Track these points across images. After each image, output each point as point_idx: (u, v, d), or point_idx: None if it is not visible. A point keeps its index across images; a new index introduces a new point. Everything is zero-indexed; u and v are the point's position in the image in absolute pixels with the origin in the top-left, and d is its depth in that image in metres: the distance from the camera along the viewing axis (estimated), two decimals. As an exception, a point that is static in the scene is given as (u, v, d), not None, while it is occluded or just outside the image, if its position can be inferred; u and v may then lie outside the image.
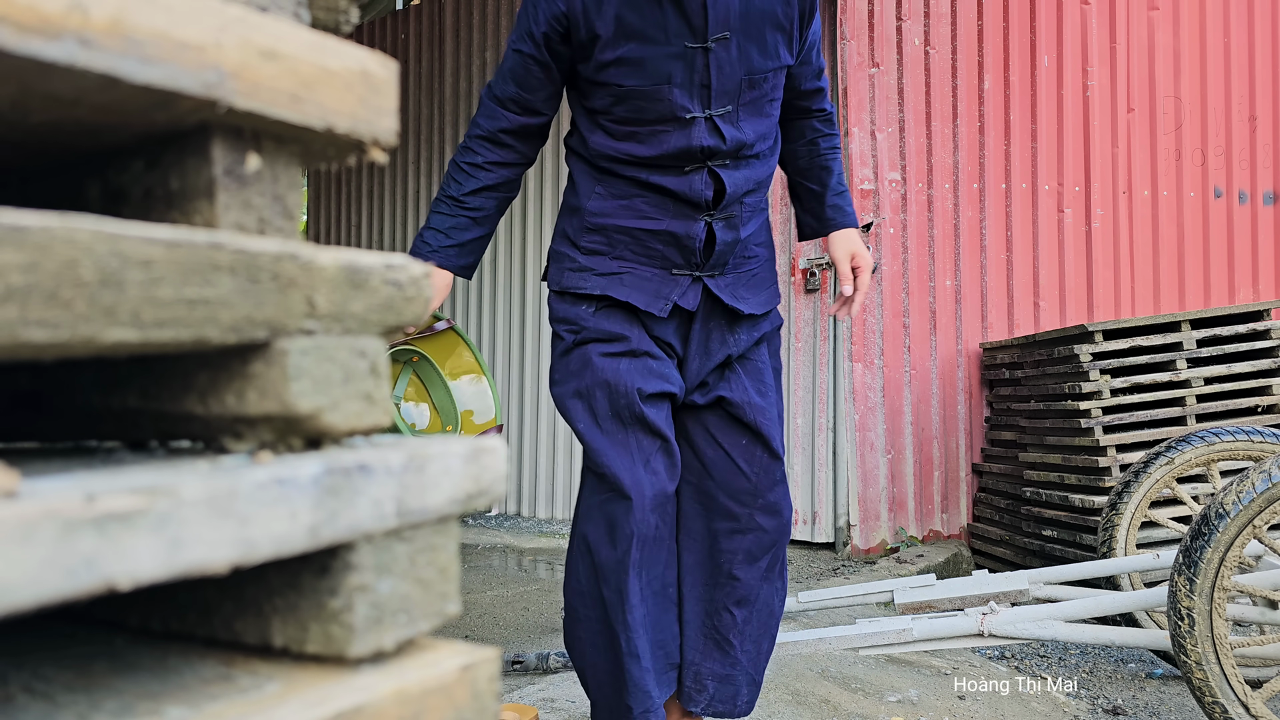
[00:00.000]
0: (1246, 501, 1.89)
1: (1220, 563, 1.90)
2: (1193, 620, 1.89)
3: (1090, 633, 2.14)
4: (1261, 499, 1.88)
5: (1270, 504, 1.88)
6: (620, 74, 1.67)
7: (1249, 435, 2.51)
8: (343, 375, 0.59)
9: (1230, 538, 1.89)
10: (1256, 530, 1.90)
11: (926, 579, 2.53)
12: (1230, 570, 1.90)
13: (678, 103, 1.67)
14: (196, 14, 0.53)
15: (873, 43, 4.08)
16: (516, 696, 2.08)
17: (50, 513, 0.41)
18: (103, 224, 0.47)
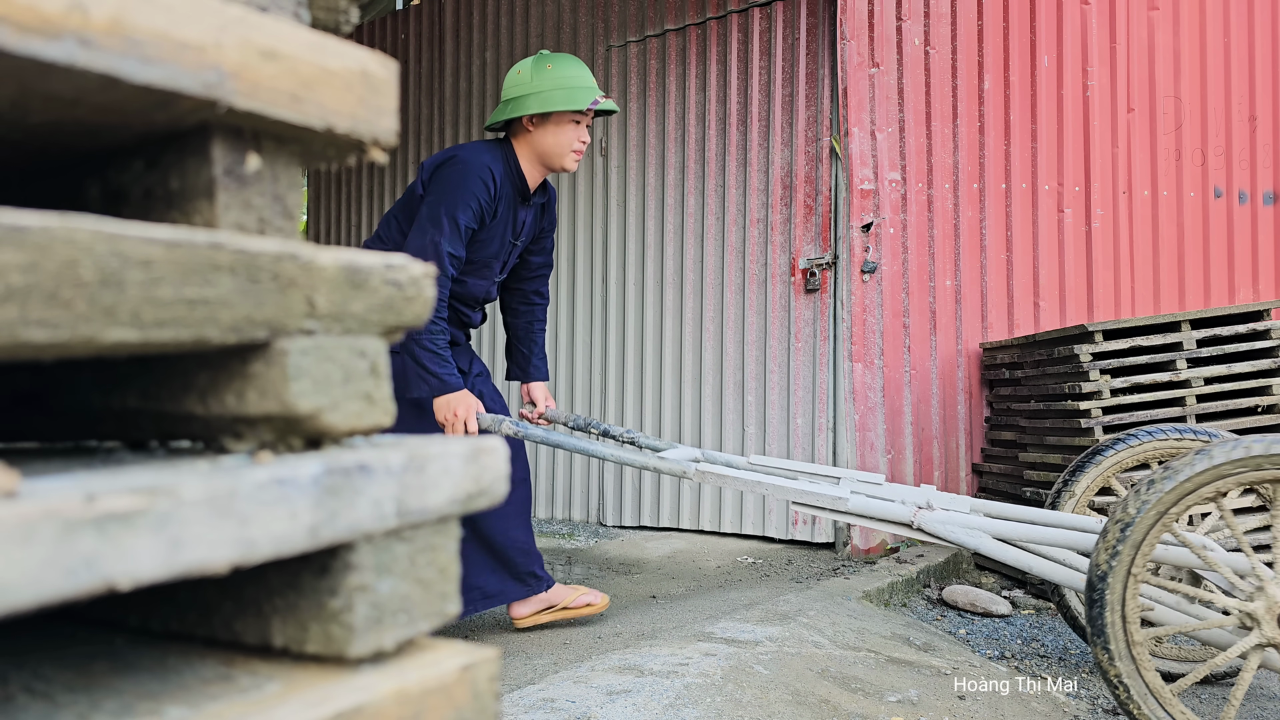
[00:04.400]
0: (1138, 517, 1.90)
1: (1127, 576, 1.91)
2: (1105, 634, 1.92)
3: (1011, 554, 2.15)
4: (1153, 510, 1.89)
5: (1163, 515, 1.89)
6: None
7: (1180, 435, 2.55)
8: (343, 375, 0.59)
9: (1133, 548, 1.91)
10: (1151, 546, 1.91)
11: (876, 477, 2.52)
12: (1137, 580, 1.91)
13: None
14: (196, 14, 0.53)
15: (873, 43, 4.09)
16: (517, 696, 2.08)
17: (50, 513, 0.41)
18: (103, 224, 0.47)
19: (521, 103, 2.61)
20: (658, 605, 3.22)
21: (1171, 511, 1.90)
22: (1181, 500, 1.89)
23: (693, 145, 4.63)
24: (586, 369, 5.05)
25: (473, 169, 2.54)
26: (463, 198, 2.51)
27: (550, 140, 2.64)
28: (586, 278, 5.07)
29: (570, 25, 5.17)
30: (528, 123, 2.65)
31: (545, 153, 2.66)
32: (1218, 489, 1.88)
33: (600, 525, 4.90)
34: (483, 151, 2.62)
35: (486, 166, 2.56)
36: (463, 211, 2.52)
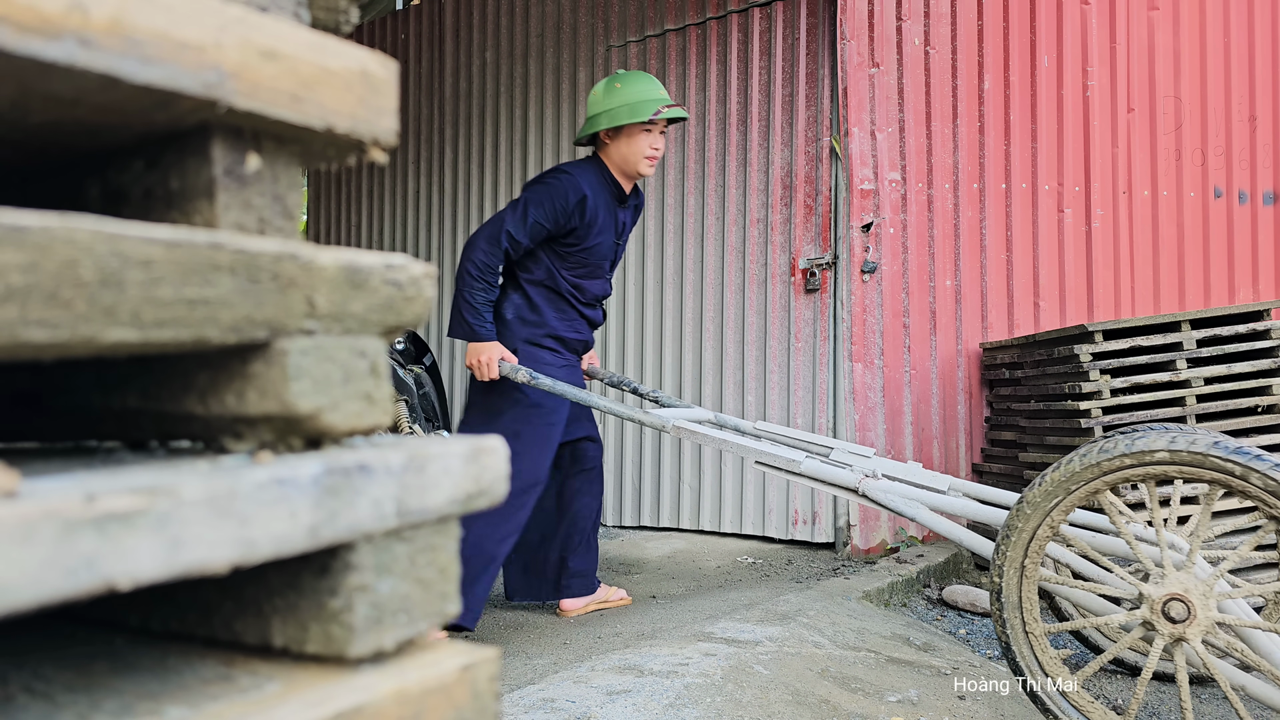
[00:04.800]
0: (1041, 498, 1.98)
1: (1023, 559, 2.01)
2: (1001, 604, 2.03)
3: (943, 525, 2.25)
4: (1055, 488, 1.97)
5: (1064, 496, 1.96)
6: None
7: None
8: (343, 375, 0.59)
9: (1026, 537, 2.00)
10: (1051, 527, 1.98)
11: (865, 449, 2.61)
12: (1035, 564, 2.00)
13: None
14: (196, 14, 0.53)
15: (873, 43, 4.09)
16: (517, 696, 2.08)
17: (50, 513, 0.41)
18: (103, 224, 0.47)
19: (595, 120, 2.99)
20: (658, 605, 3.22)
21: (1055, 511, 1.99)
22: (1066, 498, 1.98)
23: (693, 145, 4.63)
24: (586, 369, 5.05)
25: (561, 187, 2.90)
26: (543, 204, 2.89)
27: (625, 150, 2.99)
28: (586, 278, 5.08)
29: (570, 25, 5.17)
30: (605, 136, 3.01)
31: (623, 161, 3.01)
32: (1095, 487, 1.95)
33: (600, 525, 4.90)
34: (584, 173, 2.97)
35: (579, 186, 2.91)
36: (536, 209, 2.89)
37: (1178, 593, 1.89)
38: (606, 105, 2.96)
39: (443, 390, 5.33)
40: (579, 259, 3.00)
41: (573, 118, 5.15)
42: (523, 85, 5.40)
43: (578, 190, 2.91)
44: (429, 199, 5.93)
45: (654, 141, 2.98)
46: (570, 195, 2.90)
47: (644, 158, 2.98)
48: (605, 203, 3.01)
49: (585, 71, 5.09)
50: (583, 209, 2.92)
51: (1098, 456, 1.93)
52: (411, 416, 4.86)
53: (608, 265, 3.12)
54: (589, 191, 2.93)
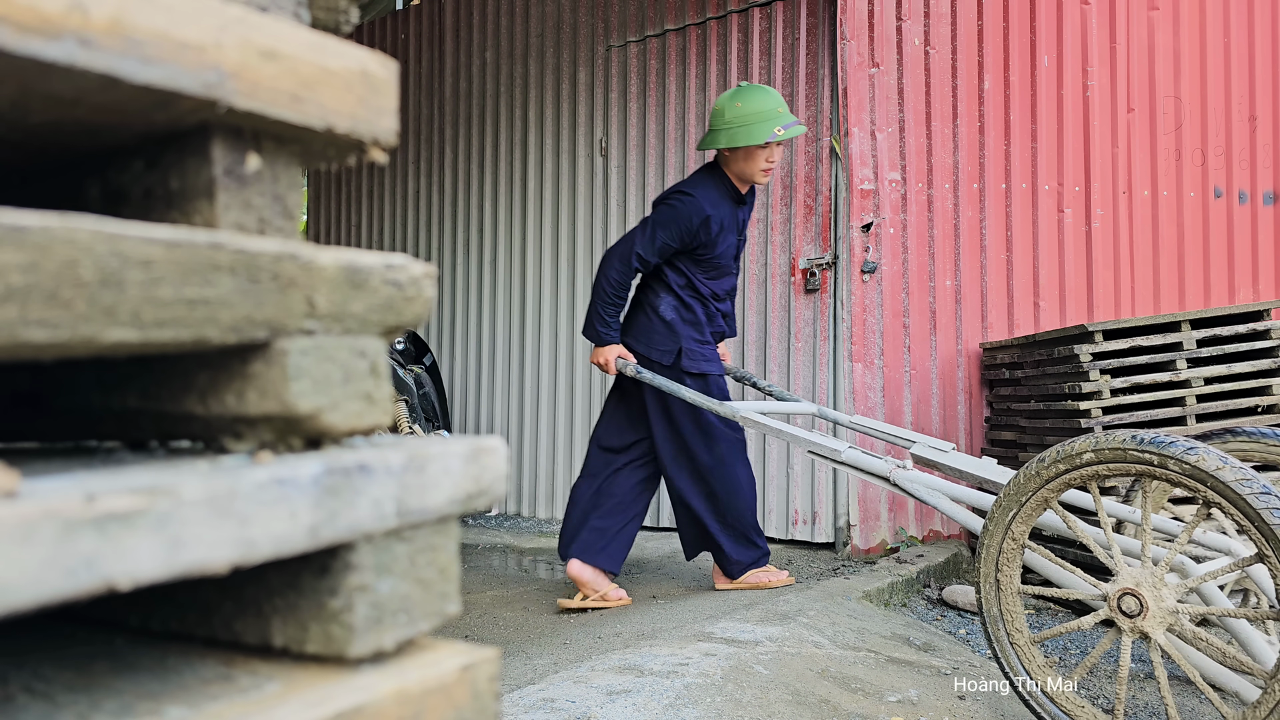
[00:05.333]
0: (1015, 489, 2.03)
1: (995, 573, 2.06)
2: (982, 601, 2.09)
3: (961, 515, 2.35)
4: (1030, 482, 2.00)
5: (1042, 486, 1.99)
6: None
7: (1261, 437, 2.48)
8: (343, 375, 0.59)
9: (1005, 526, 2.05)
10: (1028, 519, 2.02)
11: (944, 444, 2.71)
12: (1012, 555, 2.04)
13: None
14: (196, 14, 0.53)
15: (873, 43, 4.08)
16: (517, 696, 2.08)
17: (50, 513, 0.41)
18: (103, 224, 0.47)
19: (714, 137, 3.22)
20: (658, 605, 3.22)
21: (1015, 523, 2.04)
22: (1019, 510, 2.02)
23: (692, 145, 4.63)
24: (586, 369, 5.04)
25: (686, 210, 3.19)
26: (670, 227, 3.20)
27: (741, 165, 3.24)
28: (586, 278, 5.07)
29: (570, 25, 5.17)
30: (724, 150, 3.25)
31: (740, 174, 3.28)
32: (1043, 496, 1.99)
33: (600, 525, 4.90)
34: (704, 190, 3.24)
35: (701, 209, 3.19)
36: (664, 234, 3.21)
37: (1129, 587, 1.91)
38: (727, 123, 3.18)
39: (443, 390, 5.34)
40: (711, 264, 3.31)
41: (572, 118, 5.15)
42: (523, 85, 5.40)
43: (700, 212, 3.18)
44: (429, 199, 5.92)
45: (770, 155, 3.21)
46: (694, 218, 3.18)
47: (760, 171, 3.23)
48: (727, 211, 3.28)
49: (585, 71, 5.09)
50: (707, 227, 3.21)
51: (1037, 467, 1.98)
52: (411, 416, 4.86)
53: (734, 262, 3.42)
54: (711, 210, 3.20)
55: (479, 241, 5.62)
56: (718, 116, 3.21)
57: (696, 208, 3.19)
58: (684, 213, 3.19)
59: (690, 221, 3.18)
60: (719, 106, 3.22)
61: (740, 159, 3.22)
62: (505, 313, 5.47)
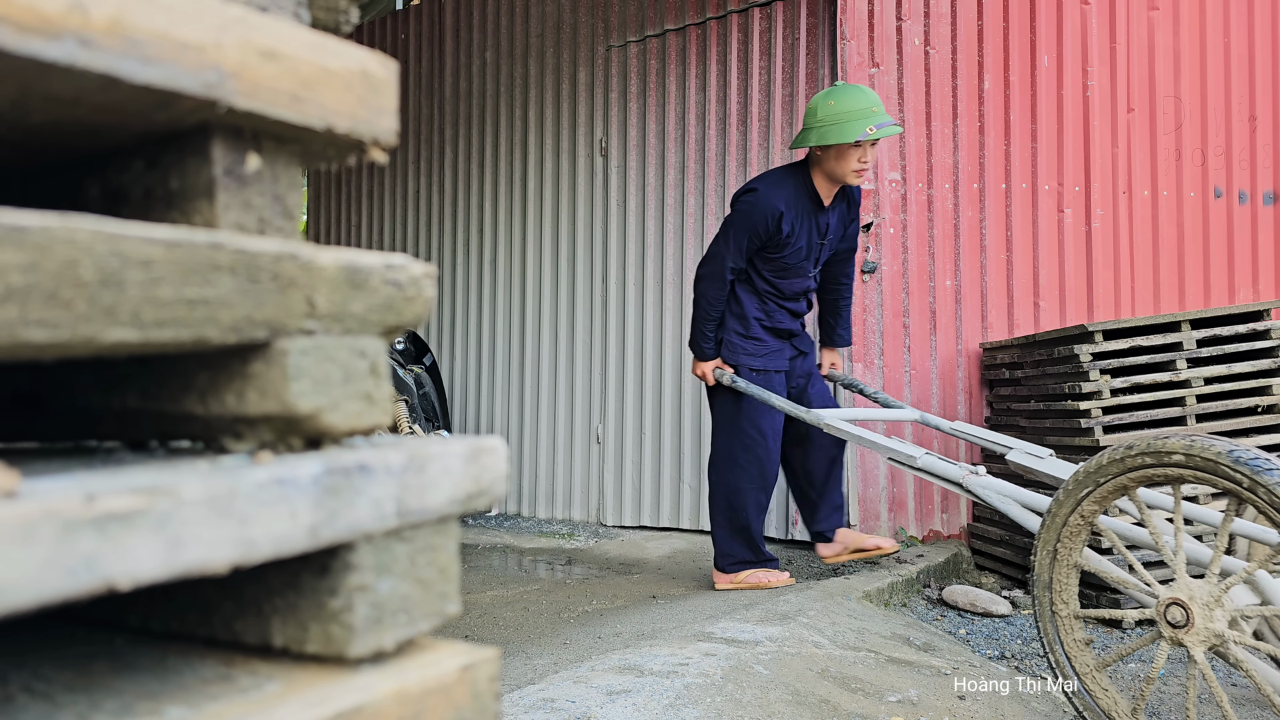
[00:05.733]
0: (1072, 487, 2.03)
1: (1055, 542, 2.07)
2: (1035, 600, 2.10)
3: (1034, 523, 2.34)
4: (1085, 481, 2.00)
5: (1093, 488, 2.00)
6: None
7: None
8: (343, 375, 0.59)
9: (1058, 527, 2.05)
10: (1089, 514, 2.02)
11: (1042, 450, 2.67)
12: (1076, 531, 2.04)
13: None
14: (196, 14, 0.53)
15: (873, 43, 4.08)
16: (517, 696, 2.08)
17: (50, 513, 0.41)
18: (103, 224, 0.47)
19: (806, 135, 3.18)
20: (658, 605, 3.22)
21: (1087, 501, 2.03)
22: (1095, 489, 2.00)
23: (693, 145, 4.63)
24: (586, 369, 5.04)
25: (757, 208, 3.22)
26: (744, 227, 3.25)
27: (833, 165, 3.20)
28: (586, 278, 5.07)
29: (570, 25, 5.17)
30: (817, 149, 3.22)
31: (830, 174, 3.23)
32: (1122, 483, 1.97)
33: (601, 525, 4.90)
34: (775, 185, 3.25)
35: (773, 205, 3.20)
36: (739, 236, 3.26)
37: (1180, 598, 1.88)
38: (819, 121, 3.15)
39: (443, 390, 5.34)
40: (776, 263, 3.31)
41: (572, 118, 5.15)
42: (523, 85, 5.40)
43: (773, 209, 3.20)
44: (429, 199, 5.93)
45: (863, 156, 3.17)
46: (768, 215, 3.20)
47: (852, 171, 3.18)
48: (802, 211, 3.26)
49: (585, 71, 5.09)
50: (779, 224, 3.21)
51: (1123, 453, 1.95)
52: (411, 416, 4.86)
53: (809, 265, 3.38)
54: (782, 206, 3.20)
55: (479, 241, 5.62)
56: (810, 115, 3.19)
57: (768, 205, 3.20)
58: (757, 212, 3.21)
59: (765, 219, 3.20)
60: (812, 105, 3.19)
61: (832, 158, 3.19)
62: (505, 313, 5.47)
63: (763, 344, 3.39)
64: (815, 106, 3.18)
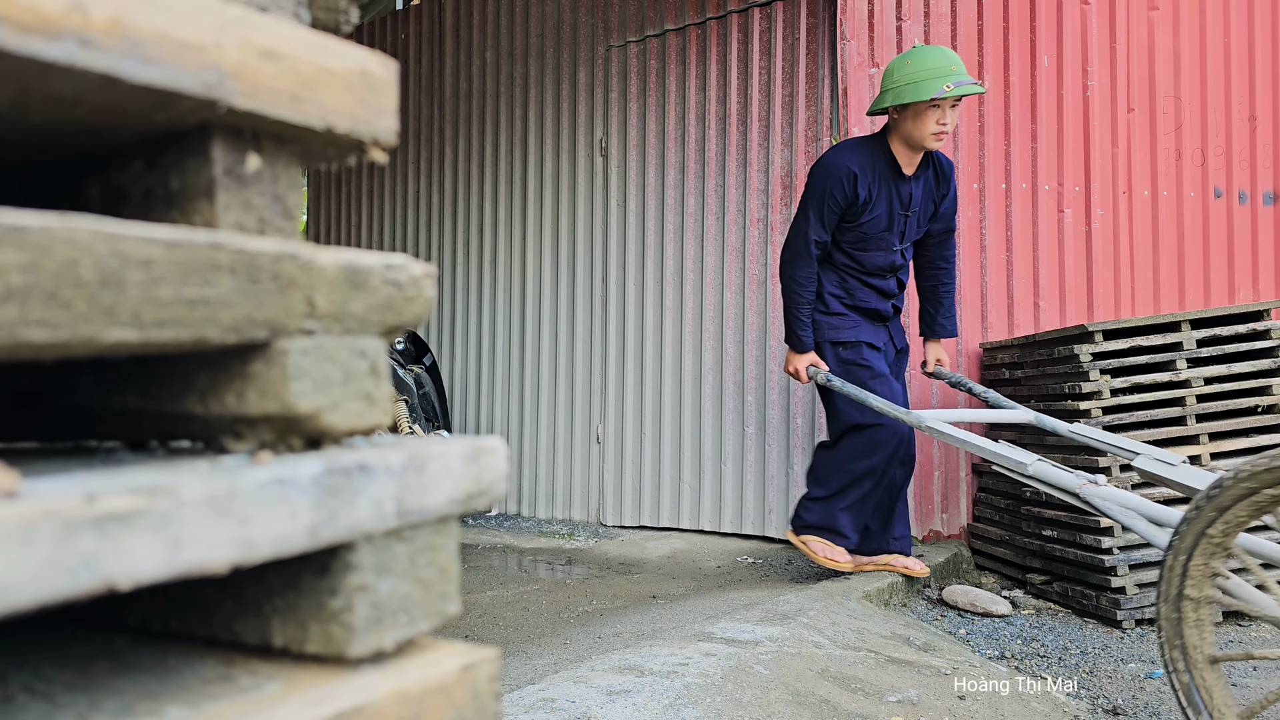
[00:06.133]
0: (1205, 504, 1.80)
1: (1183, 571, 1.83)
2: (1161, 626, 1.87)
3: (1161, 539, 2.13)
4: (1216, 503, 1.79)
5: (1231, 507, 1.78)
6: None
7: None
8: (343, 375, 0.59)
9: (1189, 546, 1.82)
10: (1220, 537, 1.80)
11: (1173, 456, 2.43)
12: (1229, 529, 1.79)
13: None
14: (196, 14, 0.53)
15: (873, 43, 4.08)
16: (517, 696, 2.08)
17: (50, 513, 0.41)
18: (103, 224, 0.47)
19: (882, 98, 3.06)
20: (658, 605, 3.22)
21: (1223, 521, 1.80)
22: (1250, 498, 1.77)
23: (693, 145, 4.63)
24: (586, 369, 5.05)
25: (830, 172, 3.08)
26: (820, 195, 3.09)
27: (910, 127, 3.04)
28: (586, 278, 5.08)
29: (570, 25, 5.17)
30: (893, 112, 3.07)
31: (909, 137, 3.06)
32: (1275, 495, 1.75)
33: (601, 525, 4.90)
34: (847, 151, 3.12)
35: (844, 164, 3.06)
36: (817, 206, 3.10)
37: None
38: (895, 81, 3.01)
39: (443, 390, 5.34)
40: (854, 235, 3.14)
41: (572, 117, 5.15)
42: (523, 85, 5.40)
43: (845, 170, 3.06)
44: (429, 199, 5.93)
45: (941, 117, 3.00)
46: (842, 177, 3.05)
47: (930, 134, 3.02)
48: (880, 177, 3.09)
49: (585, 71, 5.09)
50: (854, 185, 3.06)
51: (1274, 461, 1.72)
52: (411, 416, 4.86)
53: (892, 238, 3.18)
54: (855, 168, 3.06)
55: (479, 241, 5.62)
56: (887, 77, 3.06)
57: (840, 166, 3.07)
58: (830, 179, 3.07)
59: (840, 185, 3.06)
60: (889, 68, 3.07)
61: (909, 120, 3.03)
62: (505, 313, 5.47)
63: (847, 318, 3.21)
64: (892, 69, 3.04)
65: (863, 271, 3.19)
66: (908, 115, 3.03)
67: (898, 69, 3.03)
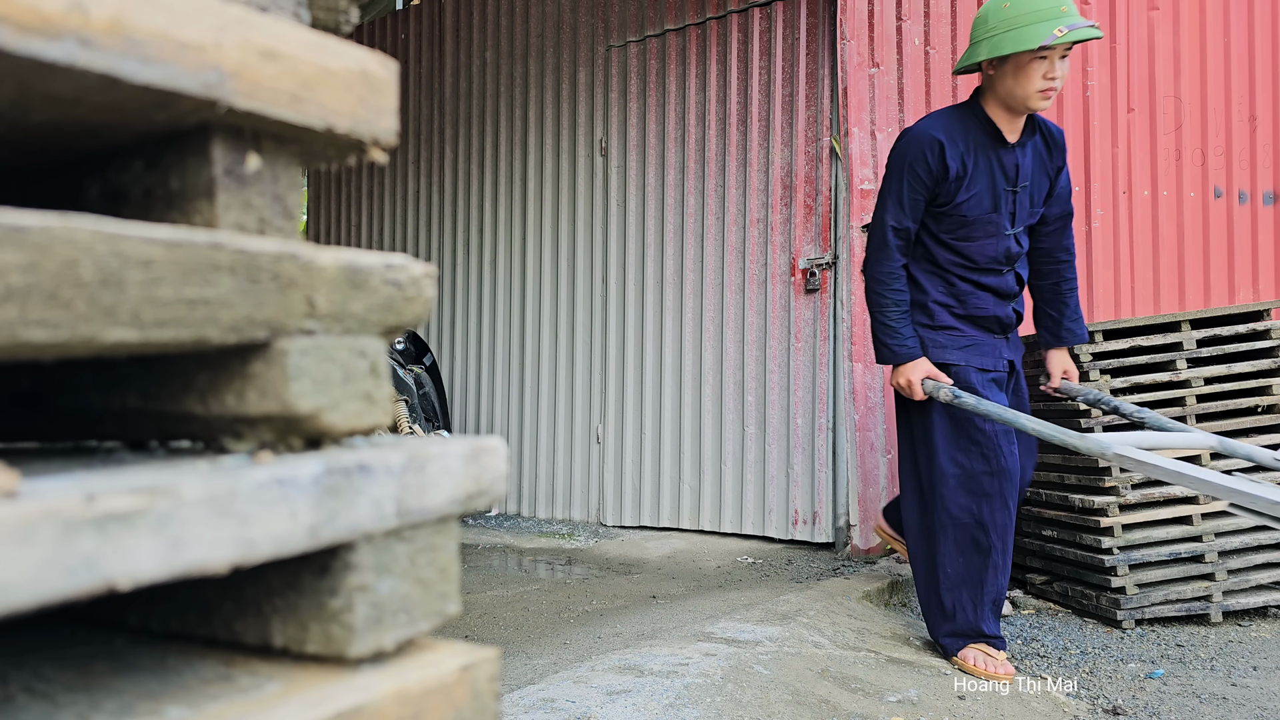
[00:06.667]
0: None
1: None
2: None
3: None
4: None
5: None
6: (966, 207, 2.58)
7: None
8: (343, 375, 0.59)
9: None
10: None
11: None
12: None
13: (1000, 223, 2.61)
14: (196, 14, 0.53)
15: (873, 43, 4.08)
16: (517, 696, 2.08)
17: (50, 513, 0.41)
18: (103, 224, 0.47)
19: (974, 50, 2.52)
20: (658, 605, 3.22)
21: None
22: None
23: (693, 145, 4.63)
24: (586, 369, 5.05)
25: (912, 142, 2.55)
26: (900, 173, 2.56)
27: (1011, 84, 2.47)
28: (586, 278, 5.08)
29: (570, 25, 5.17)
30: (988, 68, 2.52)
31: (1009, 96, 2.50)
32: None
33: (600, 525, 4.91)
34: (932, 119, 2.59)
35: (927, 133, 2.53)
36: (896, 187, 2.56)
37: None
38: (990, 30, 2.46)
39: (443, 390, 5.34)
40: (953, 221, 2.56)
41: (572, 118, 5.15)
42: (523, 85, 5.40)
43: (929, 138, 2.53)
44: (429, 199, 5.93)
45: (1050, 70, 2.43)
46: (926, 148, 2.53)
47: (1036, 92, 2.45)
48: (975, 145, 2.55)
49: (585, 71, 5.09)
50: (942, 158, 2.52)
51: None
52: (411, 416, 4.86)
53: (1001, 220, 2.59)
54: (942, 136, 2.53)
55: (479, 241, 5.62)
56: (980, 25, 2.51)
57: (923, 135, 2.54)
58: (912, 151, 2.54)
59: (924, 156, 2.52)
60: (982, 13, 2.51)
61: (1009, 76, 2.46)
62: (505, 313, 5.47)
63: (959, 334, 2.61)
64: (986, 14, 2.49)
65: (972, 268, 2.60)
66: (1007, 70, 2.46)
67: (993, 13, 2.46)
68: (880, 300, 2.55)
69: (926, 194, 2.54)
